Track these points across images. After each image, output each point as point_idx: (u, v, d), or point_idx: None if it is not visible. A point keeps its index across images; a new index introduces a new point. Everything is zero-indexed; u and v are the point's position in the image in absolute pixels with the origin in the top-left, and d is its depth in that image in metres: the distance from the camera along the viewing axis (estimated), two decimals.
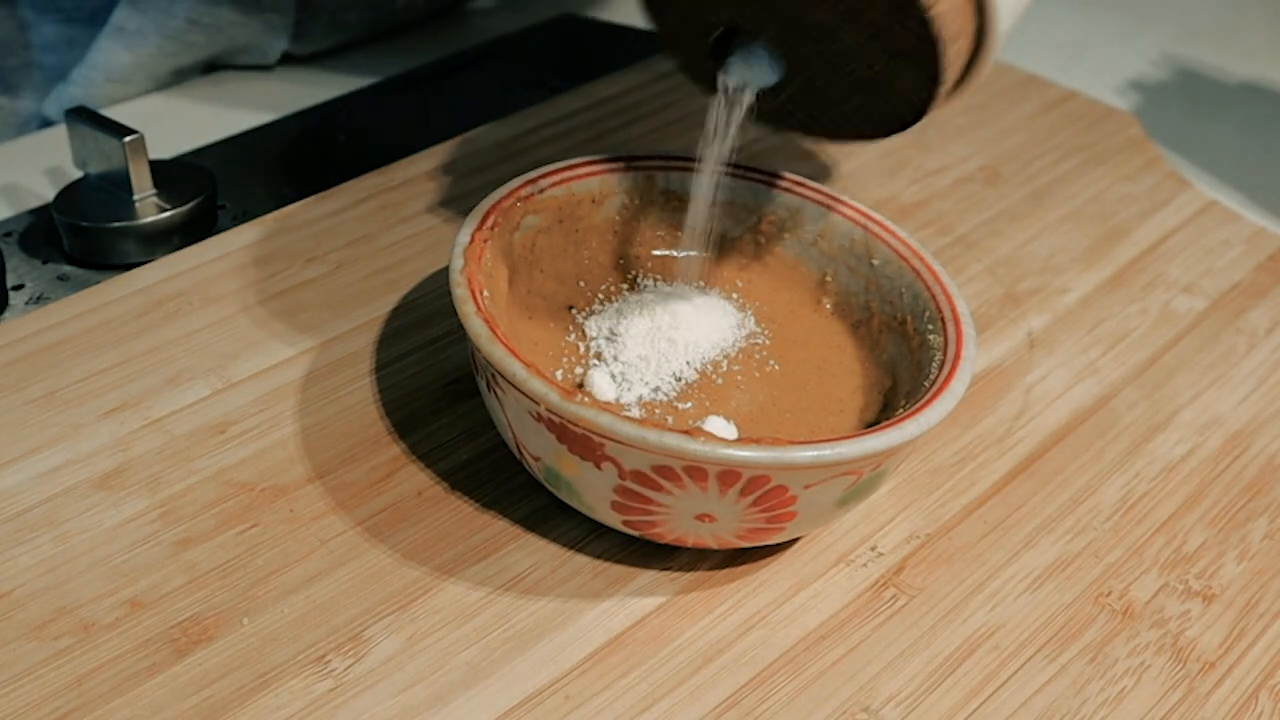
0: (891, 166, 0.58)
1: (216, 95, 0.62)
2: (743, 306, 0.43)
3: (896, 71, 0.35)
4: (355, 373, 0.44)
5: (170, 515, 0.38)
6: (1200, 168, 0.63)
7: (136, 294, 0.46)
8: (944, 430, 0.44)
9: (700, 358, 0.41)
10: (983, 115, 0.62)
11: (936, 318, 0.39)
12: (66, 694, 0.33)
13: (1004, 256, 0.53)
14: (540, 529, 0.39)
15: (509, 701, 0.34)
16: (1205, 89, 0.71)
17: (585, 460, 0.35)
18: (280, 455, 0.40)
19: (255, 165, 0.57)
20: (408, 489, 0.40)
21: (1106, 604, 0.39)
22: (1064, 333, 0.49)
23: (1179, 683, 0.37)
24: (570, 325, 0.42)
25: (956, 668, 0.36)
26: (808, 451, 0.33)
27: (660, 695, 0.35)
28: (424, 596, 0.37)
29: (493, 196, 0.41)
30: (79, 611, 0.35)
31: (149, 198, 0.50)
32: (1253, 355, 0.49)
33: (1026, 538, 0.40)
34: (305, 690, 0.34)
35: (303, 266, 0.48)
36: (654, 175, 0.44)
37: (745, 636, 0.37)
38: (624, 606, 0.37)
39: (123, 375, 0.43)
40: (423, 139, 0.57)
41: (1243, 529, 0.42)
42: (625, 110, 0.59)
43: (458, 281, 0.37)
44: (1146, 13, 0.78)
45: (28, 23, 0.63)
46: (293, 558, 0.37)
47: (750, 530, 0.36)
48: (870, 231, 0.43)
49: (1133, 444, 0.44)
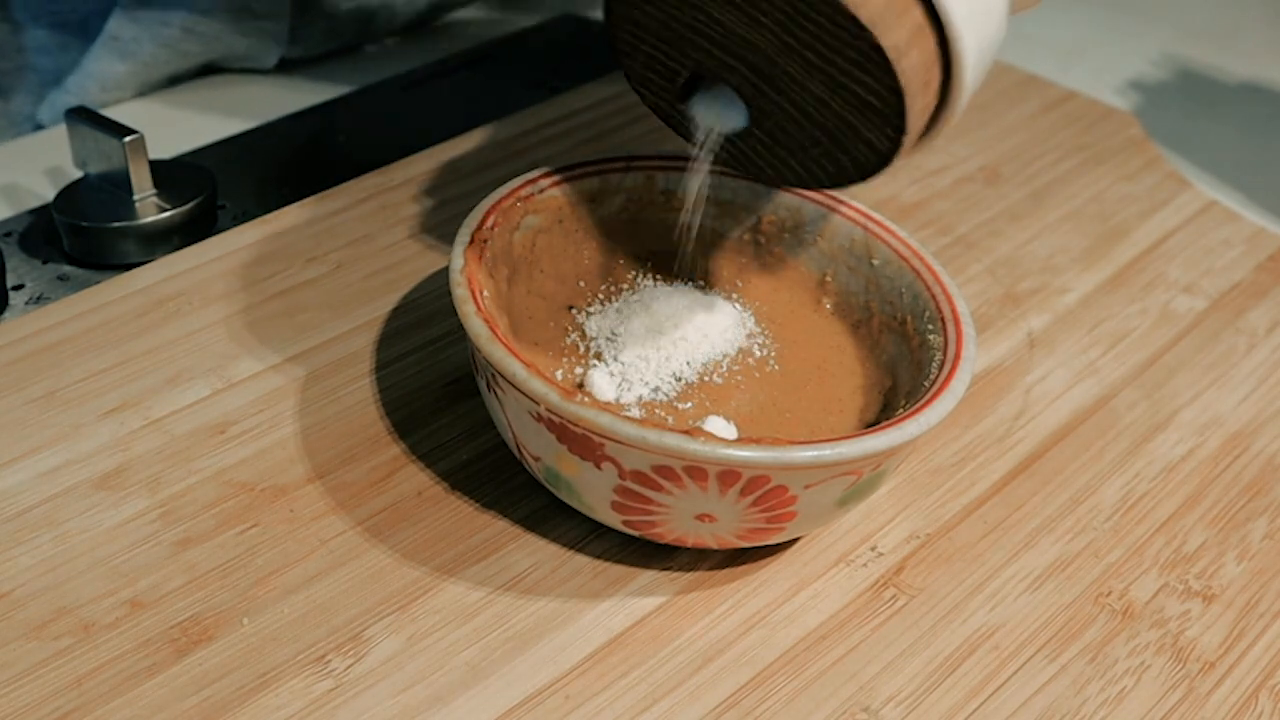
0: (891, 166, 0.58)
1: (216, 96, 0.62)
2: (743, 306, 0.43)
3: (863, 122, 0.35)
4: (355, 373, 0.44)
5: (170, 515, 0.38)
6: (1200, 168, 0.63)
7: (136, 294, 0.46)
8: (944, 430, 0.44)
9: (700, 358, 0.41)
10: (983, 115, 0.62)
11: (936, 318, 0.39)
12: (66, 694, 0.33)
13: (1004, 256, 0.53)
14: (540, 529, 0.39)
15: (509, 701, 0.34)
16: (1205, 89, 0.71)
17: (585, 460, 0.35)
18: (280, 455, 0.40)
19: (255, 165, 0.57)
20: (408, 489, 0.40)
21: (1106, 604, 0.39)
22: (1064, 333, 0.49)
23: (1179, 683, 0.37)
24: (570, 325, 0.42)
25: (956, 668, 0.36)
26: (808, 451, 0.33)
27: (660, 695, 0.35)
28: (424, 596, 0.37)
29: (493, 196, 0.41)
30: (79, 611, 0.35)
31: (149, 198, 0.50)
32: (1253, 355, 0.49)
33: (1026, 538, 0.40)
34: (305, 690, 0.34)
35: (303, 266, 0.48)
36: (654, 175, 0.44)
37: (745, 636, 0.37)
38: (624, 606, 0.37)
39: (123, 375, 0.43)
40: (423, 139, 0.57)
41: (1243, 529, 0.42)
42: (625, 110, 0.59)
43: (458, 281, 0.37)
44: (1146, 13, 0.78)
45: (20, 26, 0.63)
46: (293, 558, 0.37)
47: (750, 530, 0.36)
48: (870, 231, 0.43)
49: (1133, 444, 0.44)
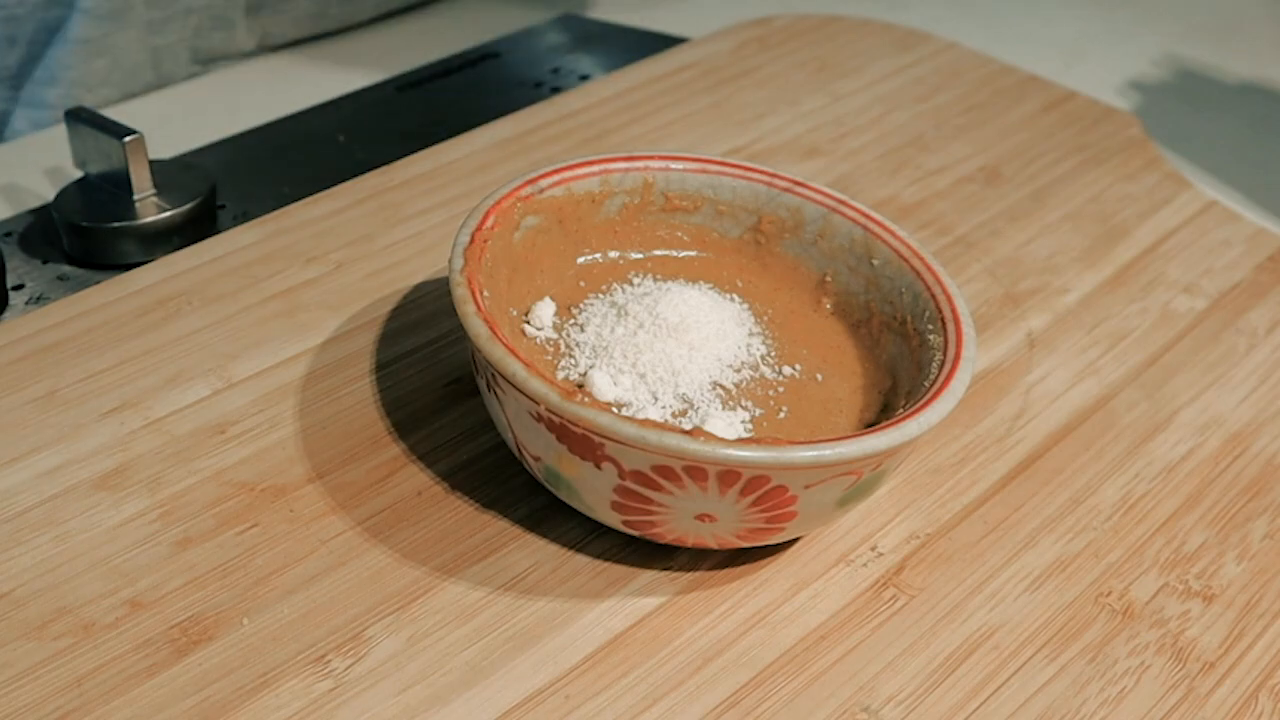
0: (891, 166, 0.58)
1: (216, 95, 0.62)
2: (743, 306, 0.43)
3: None
4: (355, 373, 0.44)
5: (170, 515, 0.38)
6: (1200, 168, 0.63)
7: (136, 294, 0.46)
8: (944, 430, 0.44)
9: (700, 358, 0.40)
10: (983, 115, 0.62)
11: (936, 318, 0.39)
12: (66, 694, 0.33)
13: (1004, 256, 0.53)
14: (540, 529, 0.39)
15: (509, 701, 0.34)
16: (1205, 89, 0.71)
17: (585, 460, 0.35)
18: (280, 455, 0.40)
19: (255, 165, 0.57)
20: (408, 489, 0.40)
21: (1106, 604, 0.39)
22: (1064, 333, 0.49)
23: (1179, 683, 0.37)
24: (570, 325, 0.42)
25: (956, 668, 0.36)
26: (808, 451, 0.33)
27: (660, 695, 0.35)
28: (424, 596, 0.37)
29: (493, 196, 0.41)
30: (79, 611, 0.35)
31: (149, 198, 0.50)
32: (1253, 355, 0.49)
33: (1026, 538, 0.40)
34: (305, 690, 0.34)
35: (303, 266, 0.48)
36: (654, 175, 0.44)
37: (745, 636, 0.37)
38: (624, 606, 0.37)
39: (123, 375, 0.43)
40: (423, 139, 0.57)
41: (1243, 529, 0.42)
42: (625, 110, 0.59)
43: (458, 281, 0.37)
44: (1146, 13, 0.78)
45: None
46: (293, 558, 0.37)
47: (750, 530, 0.36)
48: (870, 231, 0.43)
49: (1133, 444, 0.44)
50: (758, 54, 0.66)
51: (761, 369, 0.41)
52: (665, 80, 0.62)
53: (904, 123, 0.61)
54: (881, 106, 0.62)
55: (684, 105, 0.60)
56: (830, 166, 0.57)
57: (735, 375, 0.41)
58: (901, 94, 0.64)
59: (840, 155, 0.58)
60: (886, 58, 0.67)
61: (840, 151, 0.59)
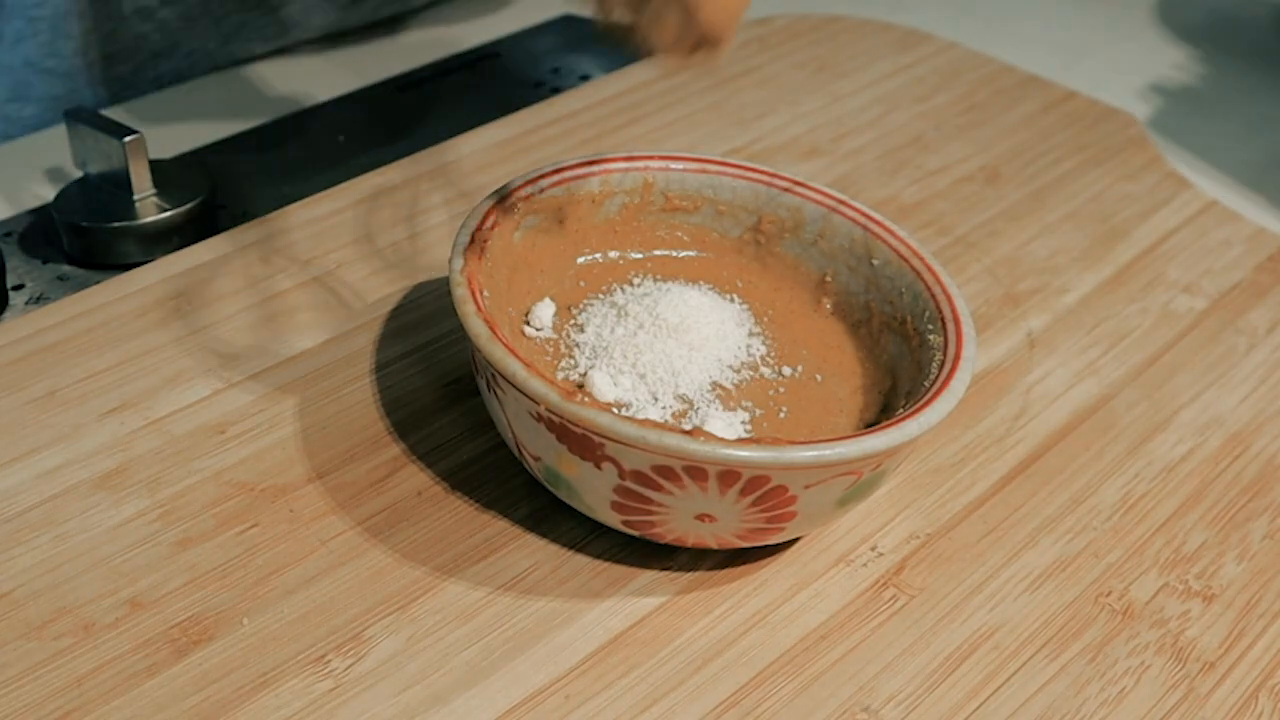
0: (891, 166, 0.58)
1: (216, 96, 0.62)
2: (743, 306, 0.43)
3: None
4: (355, 373, 0.44)
5: (170, 515, 0.38)
6: (1200, 168, 0.63)
7: (136, 294, 0.46)
8: (944, 430, 0.44)
9: (700, 357, 0.40)
10: (983, 115, 0.62)
11: (936, 318, 0.39)
12: (66, 694, 0.33)
13: (1004, 256, 0.53)
14: (540, 529, 0.39)
15: (509, 701, 0.34)
16: (1205, 89, 0.71)
17: (585, 460, 0.35)
18: (280, 455, 0.40)
19: (255, 165, 0.57)
20: (408, 489, 0.40)
21: (1106, 604, 0.39)
22: (1064, 333, 0.49)
23: (1179, 683, 0.37)
24: (570, 325, 0.42)
25: (956, 668, 0.36)
26: (808, 451, 0.33)
27: (660, 695, 0.35)
28: (424, 596, 0.36)
29: (493, 196, 0.41)
30: (79, 611, 0.35)
31: (149, 198, 0.50)
32: (1253, 355, 0.49)
33: (1026, 538, 0.40)
34: (305, 690, 0.34)
35: (303, 266, 0.48)
36: (654, 175, 0.44)
37: (745, 636, 0.37)
38: (624, 606, 0.37)
39: (123, 375, 0.43)
40: (423, 139, 0.57)
41: (1243, 529, 0.42)
42: (625, 110, 0.59)
43: (458, 281, 0.37)
44: (1146, 12, 0.78)
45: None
46: (293, 558, 0.37)
47: (750, 530, 0.36)
48: (870, 231, 0.43)
49: (1133, 444, 0.44)
50: (758, 54, 0.66)
51: (761, 369, 0.41)
52: (665, 80, 0.62)
53: (904, 123, 0.61)
54: (881, 106, 0.62)
55: (684, 105, 0.60)
56: (830, 166, 0.57)
57: (735, 375, 0.41)
58: (901, 94, 0.64)
59: (840, 155, 0.58)
60: (886, 58, 0.67)
61: (840, 151, 0.59)
